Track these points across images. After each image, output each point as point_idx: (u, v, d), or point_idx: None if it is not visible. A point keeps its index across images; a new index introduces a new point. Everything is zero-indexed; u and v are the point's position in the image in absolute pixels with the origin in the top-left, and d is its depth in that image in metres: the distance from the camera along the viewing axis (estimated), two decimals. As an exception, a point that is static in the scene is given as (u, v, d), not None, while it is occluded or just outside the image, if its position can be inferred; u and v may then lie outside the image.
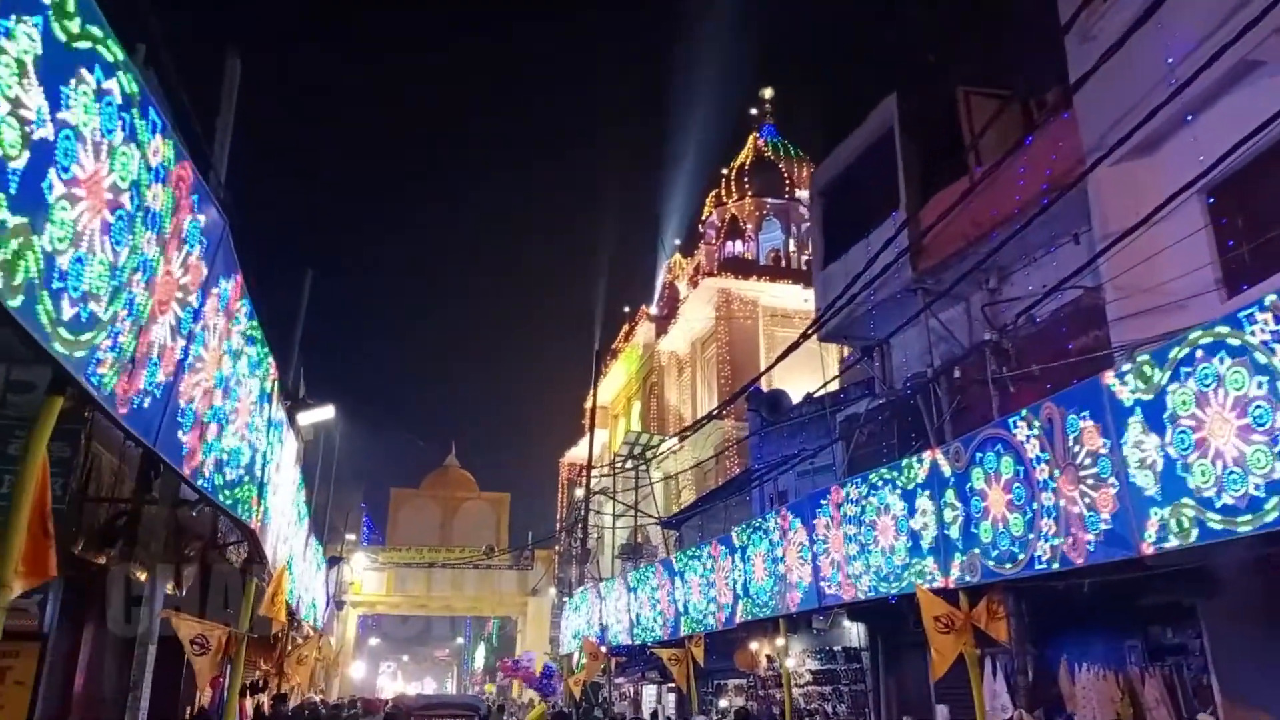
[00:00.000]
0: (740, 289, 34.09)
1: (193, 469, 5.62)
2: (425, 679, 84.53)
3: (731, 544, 13.90)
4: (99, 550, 9.63)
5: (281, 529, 9.82)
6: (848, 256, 15.08)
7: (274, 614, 9.44)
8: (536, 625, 40.73)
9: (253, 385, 6.90)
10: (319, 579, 18.14)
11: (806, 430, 17.42)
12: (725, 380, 32.36)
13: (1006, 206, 12.22)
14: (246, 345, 6.52)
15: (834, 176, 16.03)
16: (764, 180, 37.90)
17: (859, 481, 10.63)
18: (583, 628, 22.36)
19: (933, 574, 9.27)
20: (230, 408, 6.28)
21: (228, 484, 6.35)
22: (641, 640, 17.82)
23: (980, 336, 13.51)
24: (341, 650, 38.29)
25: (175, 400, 5.12)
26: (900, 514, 9.83)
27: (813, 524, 11.51)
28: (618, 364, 46.34)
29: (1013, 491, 8.14)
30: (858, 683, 14.52)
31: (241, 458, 6.68)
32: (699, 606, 15.12)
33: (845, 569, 10.77)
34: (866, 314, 14.58)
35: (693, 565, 15.37)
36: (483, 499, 50.87)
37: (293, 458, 9.98)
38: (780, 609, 12.30)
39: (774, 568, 12.54)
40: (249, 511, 7.11)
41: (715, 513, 20.99)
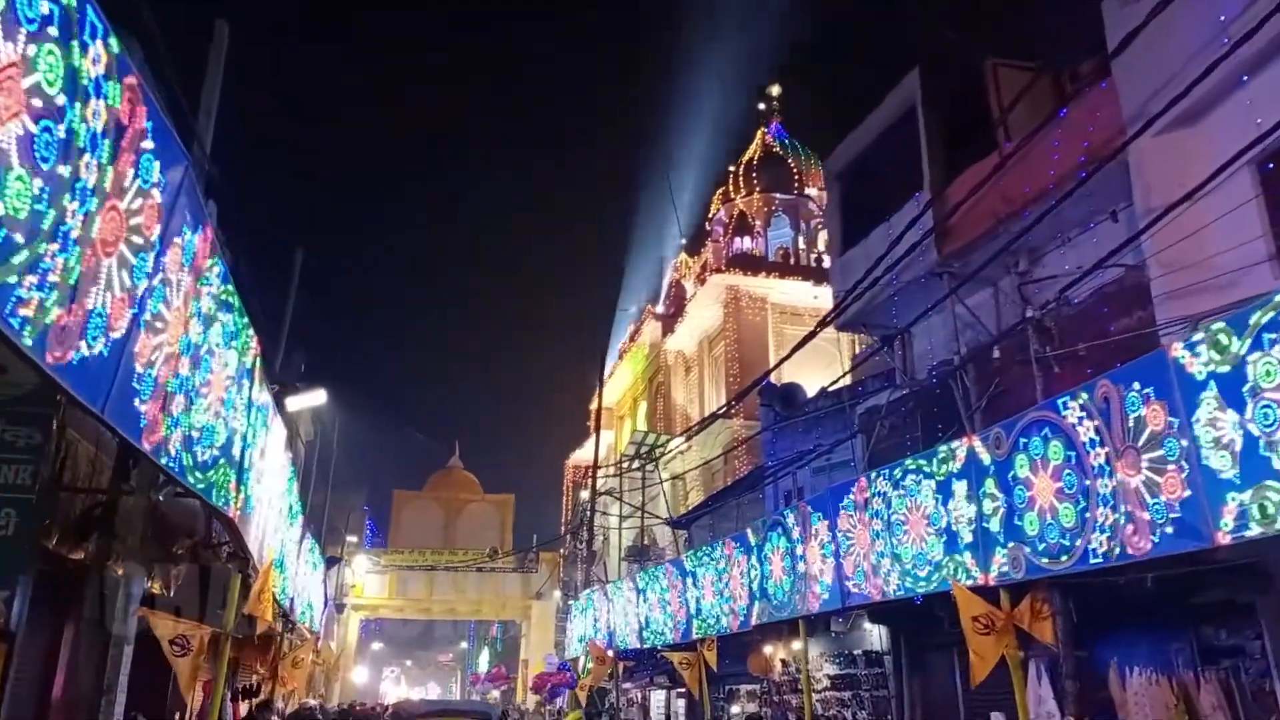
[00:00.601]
0: (749, 286, 33.37)
1: (155, 444, 4.96)
2: (429, 684, 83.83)
3: (747, 542, 13.22)
4: (74, 544, 9.00)
5: (269, 521, 9.16)
6: (868, 241, 14.43)
7: (260, 613, 8.78)
8: (541, 629, 39.96)
9: (229, 358, 6.24)
10: (316, 579, 17.48)
11: (822, 425, 16.73)
12: (734, 379, 31.65)
13: (1040, 182, 11.56)
14: (220, 311, 5.87)
15: (851, 159, 15.36)
16: (772, 175, 37.21)
17: (886, 474, 9.95)
18: (589, 631, 21.68)
19: (970, 571, 8.59)
20: (201, 380, 5.62)
21: (199, 465, 5.69)
22: (651, 643, 17.14)
23: (1009, 322, 12.84)
24: (343, 654, 37.59)
25: (129, 362, 4.47)
26: (933, 507, 9.15)
27: (836, 520, 10.83)
28: (623, 364, 45.66)
29: (1063, 479, 7.46)
30: (879, 688, 13.82)
31: (215, 437, 6.02)
32: (712, 608, 14.44)
33: (872, 566, 10.09)
34: (888, 300, 13.92)
35: (705, 565, 14.69)
36: (487, 501, 50.11)
37: (281, 445, 9.32)
38: (800, 610, 11.62)
39: (793, 566, 11.85)
40: (226, 498, 6.45)
41: (726, 511, 20.30)
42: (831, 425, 16.53)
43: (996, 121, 12.35)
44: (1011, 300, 13.17)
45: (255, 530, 8.26)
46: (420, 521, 47.11)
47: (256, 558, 8.62)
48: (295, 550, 12.69)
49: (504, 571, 41.99)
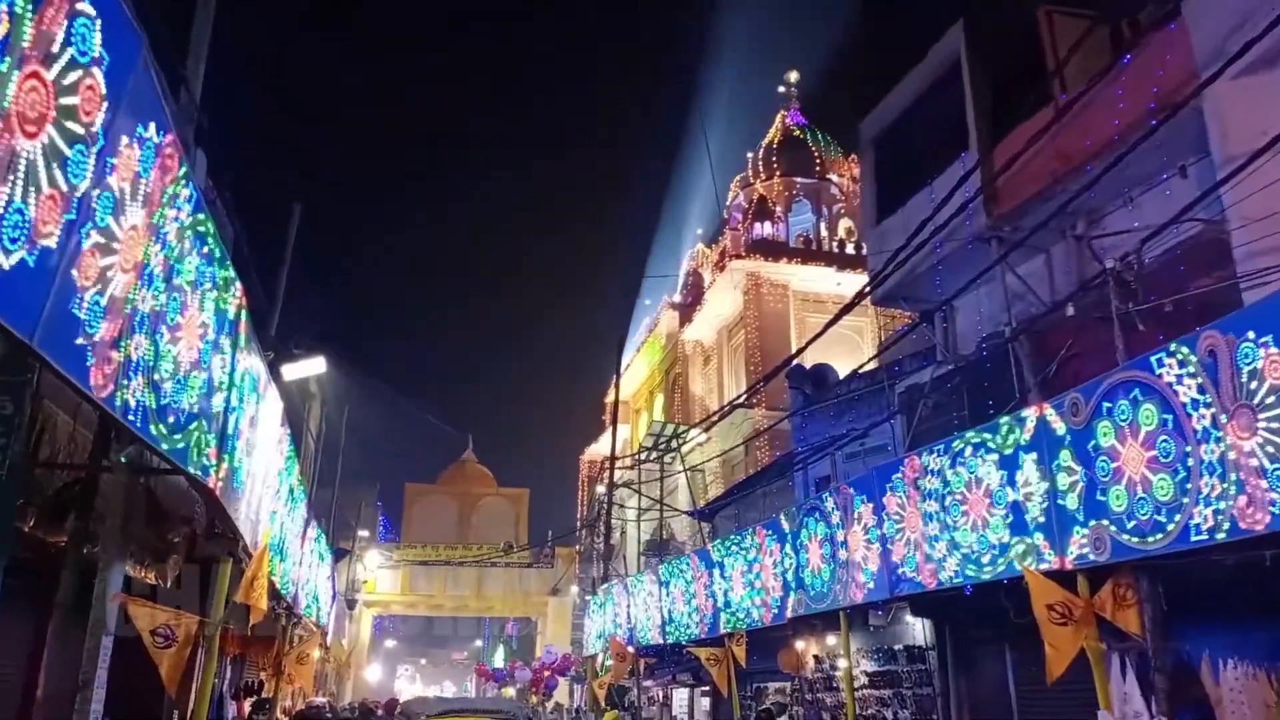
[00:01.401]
0: (770, 272, 32.38)
1: (107, 388, 4.13)
2: (444, 682, 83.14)
3: (780, 529, 12.35)
4: (52, 526, 8.21)
5: (264, 502, 8.34)
6: (906, 209, 13.53)
7: (253, 601, 7.96)
8: (558, 626, 39.12)
9: (206, 301, 5.41)
10: (324, 572, 16.67)
11: (856, 408, 15.83)
12: (755, 368, 30.69)
13: (1102, 135, 10.63)
14: (193, 245, 5.04)
15: (888, 123, 14.45)
16: (793, 159, 36.19)
17: (940, 450, 9.06)
18: (608, 627, 20.83)
19: (1043, 553, 7.70)
20: (169, 321, 4.79)
21: (168, 422, 4.86)
22: (675, 639, 16.29)
23: (1063, 291, 11.92)
24: (354, 651, 36.84)
25: (68, 283, 3.64)
26: (997, 484, 8.26)
27: (882, 502, 9.95)
28: (639, 356, 44.76)
29: (1156, 446, 6.56)
30: (923, 686, 12.91)
31: (189, 393, 5.19)
32: (742, 601, 13.58)
33: (925, 552, 9.21)
34: (929, 271, 13.01)
35: (734, 555, 13.82)
36: (501, 495, 49.26)
37: (278, 418, 8.49)
38: (842, 601, 10.75)
39: (833, 554, 10.98)
40: (204, 465, 5.62)
41: (752, 501, 19.42)
42: (866, 408, 15.63)
43: (1051, 74, 11.43)
44: (1064, 270, 12.26)
45: (246, 509, 7.43)
46: (433, 516, 46.28)
47: (249, 541, 7.79)
48: (298, 538, 11.87)
49: (519, 567, 41.13)
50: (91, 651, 7.16)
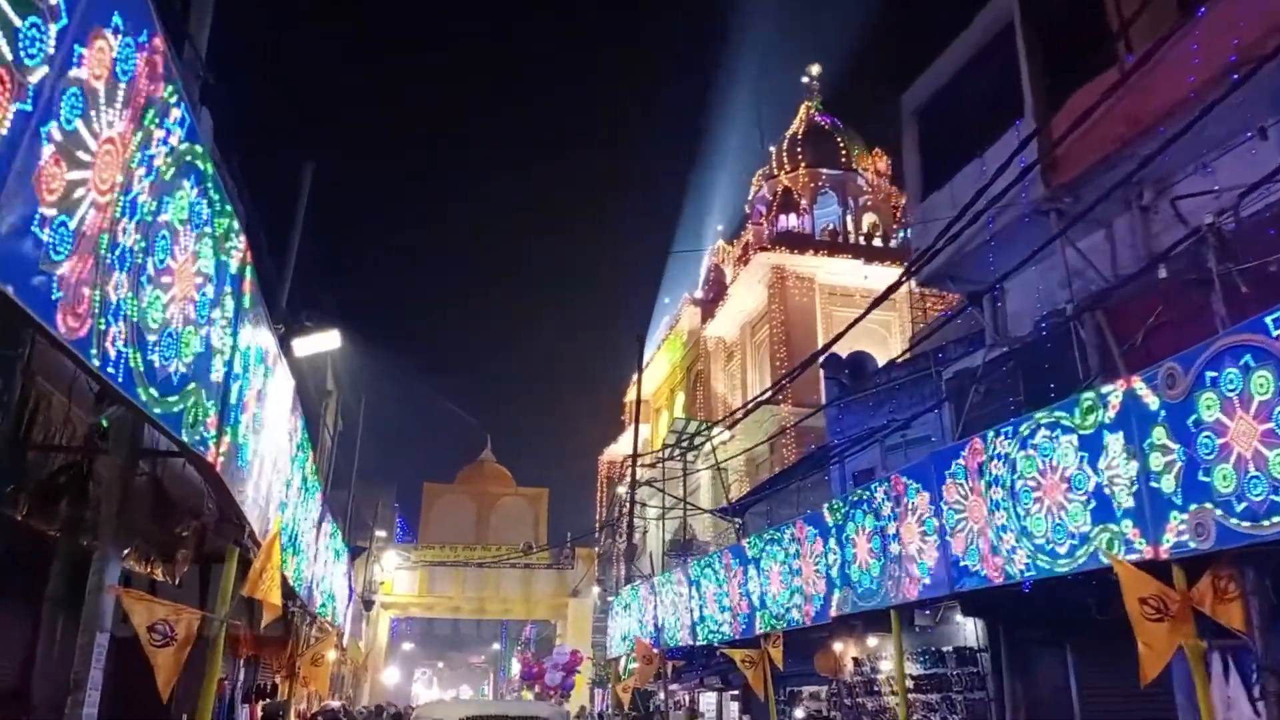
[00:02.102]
0: (795, 265, 31.57)
1: (79, 331, 3.45)
2: (461, 686, 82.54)
3: (823, 523, 11.60)
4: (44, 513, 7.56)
5: (273, 488, 7.68)
6: (953, 183, 12.78)
7: (262, 595, 7.28)
8: (578, 628, 38.36)
9: (203, 248, 4.74)
10: (339, 570, 16.02)
11: (896, 397, 15.07)
12: (781, 363, 29.92)
13: (1174, 95, 9.86)
14: (183, 176, 4.36)
15: (932, 94, 13.70)
16: (819, 150, 35.40)
17: (1009, 431, 8.30)
18: (634, 628, 20.09)
19: (1133, 542, 6.94)
20: (157, 262, 4.13)
21: (155, 379, 4.18)
22: (706, 640, 15.53)
23: (1127, 267, 11.15)
24: (371, 654, 36.22)
25: (25, 190, 2.98)
26: (1075, 467, 7.50)
27: (940, 491, 9.20)
28: (659, 354, 44.04)
29: (1274, 417, 5.80)
30: (974, 690, 12.15)
31: (184, 350, 4.51)
32: (780, 599, 12.83)
33: (990, 544, 8.45)
34: (980, 248, 12.25)
35: (771, 550, 13.07)
36: (520, 494, 48.56)
37: (288, 397, 7.82)
38: (894, 598, 9.99)
39: (884, 548, 10.23)
40: (202, 435, 4.94)
41: (785, 496, 18.66)
42: (907, 397, 14.88)
43: (1116, 33, 10.67)
44: (1128, 243, 11.49)
45: (254, 494, 6.76)
46: (451, 516, 45.63)
47: (257, 530, 7.12)
48: (313, 532, 11.21)
49: (538, 568, 40.41)
50: (84, 649, 6.49)
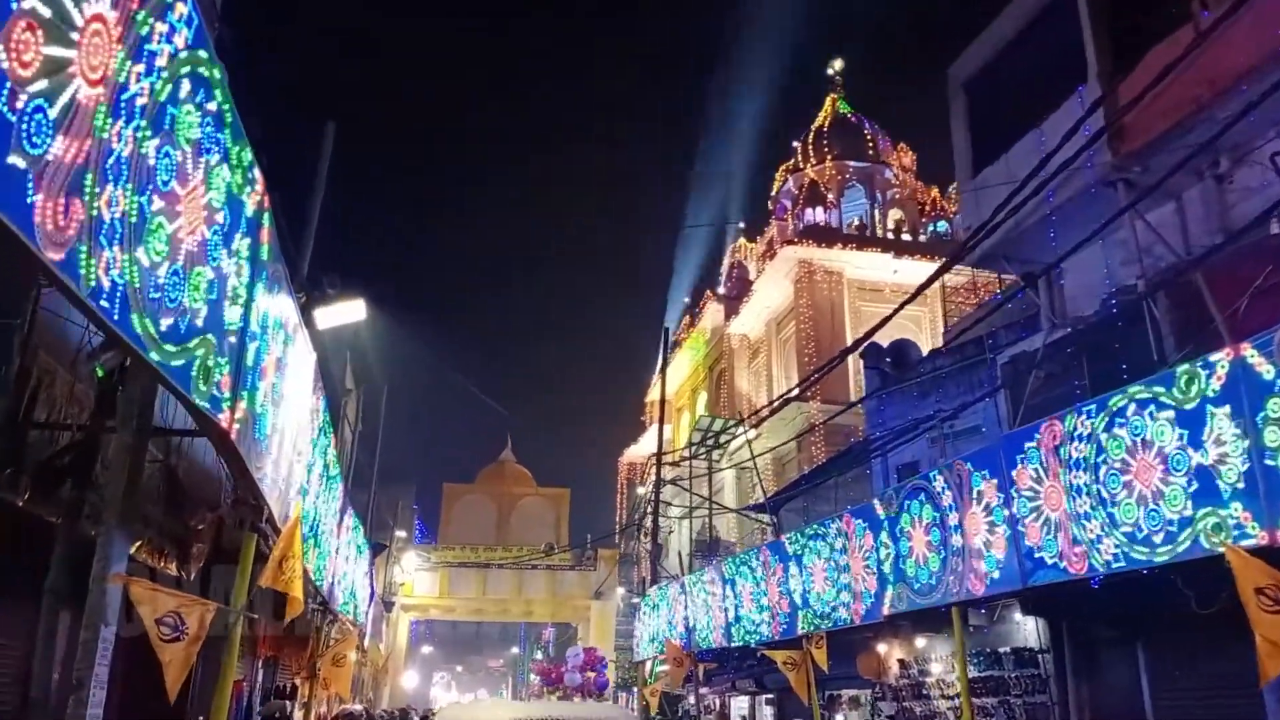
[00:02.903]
0: (823, 259, 30.83)
1: (63, 244, 2.84)
2: (479, 689, 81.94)
3: (874, 516, 10.92)
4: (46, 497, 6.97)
5: (294, 469, 7.07)
6: (1009, 156, 12.09)
7: (283, 586, 6.67)
8: (601, 631, 37.66)
9: (215, 178, 4.13)
10: (361, 567, 15.43)
11: (942, 386, 14.37)
12: (809, 359, 29.18)
13: (1259, 53, 9.17)
14: (189, 86, 3.74)
15: (982, 65, 13.01)
16: (846, 142, 34.67)
17: (1091, 411, 7.60)
18: (663, 629, 19.41)
19: (1244, 527, 6.24)
20: (162, 182, 3.52)
21: (158, 321, 3.57)
22: (743, 641, 14.85)
23: (1200, 242, 10.44)
24: (391, 657, 35.66)
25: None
26: (1173, 446, 6.80)
27: (1011, 476, 8.51)
28: (681, 353, 43.36)
29: None
30: (1035, 693, 11.43)
31: (191, 291, 3.90)
32: (824, 598, 12.14)
33: (1071, 533, 7.75)
34: (1039, 225, 11.58)
35: (814, 546, 12.39)
36: (541, 495, 47.95)
37: (310, 372, 7.22)
38: (957, 594, 9.29)
39: (944, 540, 9.54)
40: (214, 396, 4.33)
41: (822, 492, 17.96)
42: (954, 386, 14.17)
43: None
44: (1199, 216, 10.77)
45: (273, 473, 6.15)
46: (472, 516, 45.06)
47: (277, 514, 6.51)
48: (334, 524, 10.61)
49: (560, 569, 39.75)
50: (87, 645, 5.89)
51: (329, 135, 8.91)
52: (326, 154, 8.82)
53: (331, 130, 8.92)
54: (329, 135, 8.91)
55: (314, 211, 8.56)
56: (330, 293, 8.67)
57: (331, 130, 8.92)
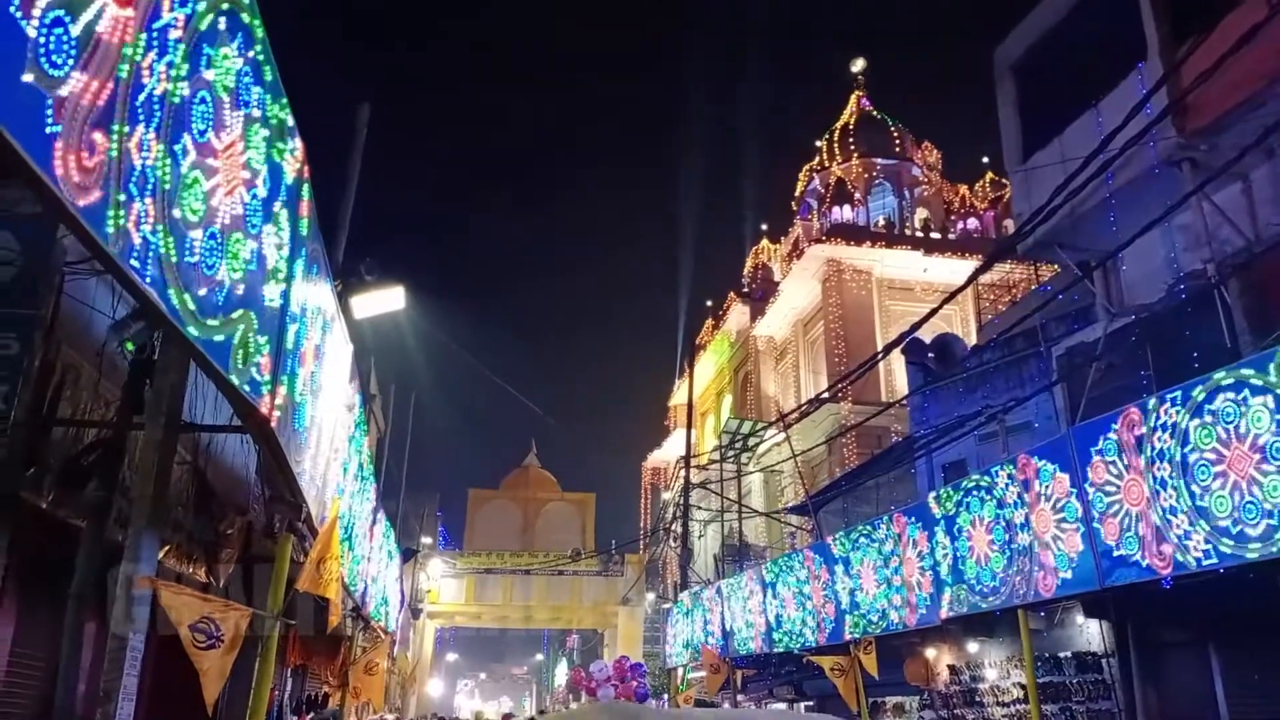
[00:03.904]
0: (851, 258, 30.31)
1: (89, 192, 2.45)
2: (502, 697, 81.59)
3: (928, 514, 10.44)
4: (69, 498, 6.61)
5: (330, 466, 6.68)
6: (1063, 139, 11.61)
7: (322, 589, 6.28)
8: (628, 637, 37.15)
9: (254, 136, 3.73)
10: (392, 572, 15.06)
11: (990, 382, 13.86)
12: (839, 359, 28.67)
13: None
14: (227, 29, 3.36)
15: (1029, 46, 12.54)
16: (872, 140, 34.15)
17: (1176, 398, 7.11)
18: (697, 635, 18.94)
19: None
20: (197, 130, 3.12)
21: (195, 290, 3.17)
22: (784, 647, 14.37)
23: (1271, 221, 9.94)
24: (418, 665, 35.30)
25: None
26: (1271, 433, 6.32)
27: (1084, 471, 8.02)
28: (704, 356, 42.90)
29: None
30: (1098, 699, 10.91)
31: (230, 259, 3.51)
32: (874, 601, 11.67)
33: (1155, 528, 7.26)
34: (1096, 210, 11.08)
35: (863, 548, 11.92)
36: (566, 500, 47.52)
37: (347, 364, 6.84)
38: (1024, 595, 8.80)
39: (1008, 539, 9.06)
40: (254, 379, 3.94)
41: (863, 494, 17.47)
42: (1003, 381, 13.66)
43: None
44: (1270, 196, 10.26)
45: (311, 469, 5.76)
46: (497, 522, 44.68)
47: (314, 513, 6.12)
48: (367, 527, 10.24)
49: (587, 575, 39.29)
50: (114, 654, 5.51)
51: (363, 117, 8.55)
52: (361, 137, 8.46)
53: (366, 112, 8.56)
54: (363, 117, 8.55)
55: (349, 196, 8.19)
56: (368, 280, 8.29)
57: (366, 112, 8.56)
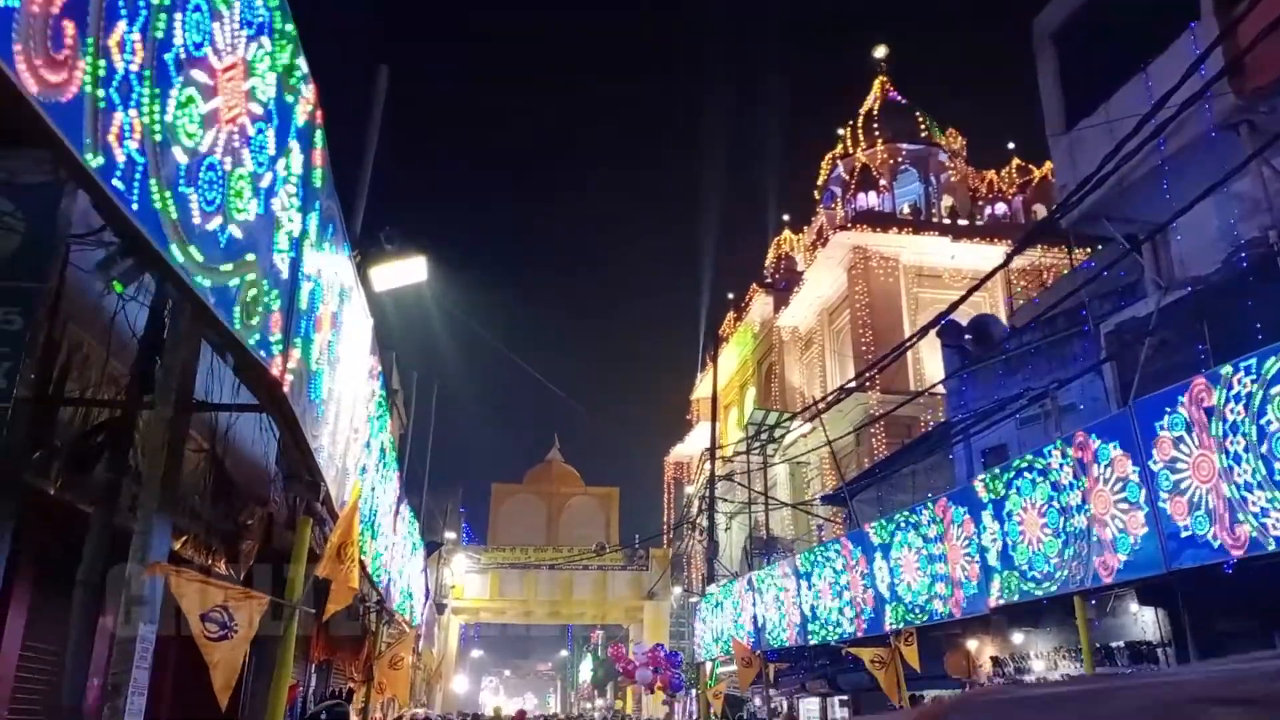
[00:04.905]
0: (878, 244, 29.74)
1: (59, 88, 2.06)
2: (526, 694, 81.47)
3: (974, 498, 9.99)
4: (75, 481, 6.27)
5: (351, 447, 6.31)
6: (1109, 105, 11.11)
7: (342, 577, 5.91)
8: (654, 632, 36.75)
9: (257, 61, 3.34)
10: (416, 564, 14.72)
11: (1031, 363, 13.37)
12: (866, 348, 28.14)
13: None
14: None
15: (1071, 12, 12.03)
16: (897, 125, 33.54)
17: (1250, 366, 6.64)
18: (728, 629, 18.53)
19: None
20: (191, 40, 2.73)
21: (193, 225, 2.79)
22: (821, 639, 13.94)
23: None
24: (443, 661, 35.06)
25: None
26: (1363, 401, 5.84)
27: (1148, 448, 7.55)
28: (727, 348, 42.44)
29: None
30: (1154, 691, 10.39)
31: (233, 196, 3.12)
32: (916, 590, 11.22)
33: (1229, 506, 6.79)
34: (1146, 179, 10.58)
35: (904, 535, 11.47)
36: (590, 494, 47.20)
37: (367, 339, 6.47)
38: (1082, 580, 8.33)
39: (1063, 523, 8.60)
40: (262, 335, 3.55)
41: (898, 482, 16.99)
42: (1045, 362, 13.17)
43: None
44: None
45: (330, 447, 5.39)
46: (521, 517, 44.43)
47: (334, 494, 5.75)
48: (390, 516, 9.89)
49: (612, 570, 38.93)
50: (123, 646, 5.17)
51: (382, 81, 8.15)
52: (380, 100, 8.05)
53: (385, 75, 8.16)
54: (382, 81, 8.15)
55: (367, 164, 7.80)
56: (388, 249, 7.90)
57: (385, 75, 8.16)
